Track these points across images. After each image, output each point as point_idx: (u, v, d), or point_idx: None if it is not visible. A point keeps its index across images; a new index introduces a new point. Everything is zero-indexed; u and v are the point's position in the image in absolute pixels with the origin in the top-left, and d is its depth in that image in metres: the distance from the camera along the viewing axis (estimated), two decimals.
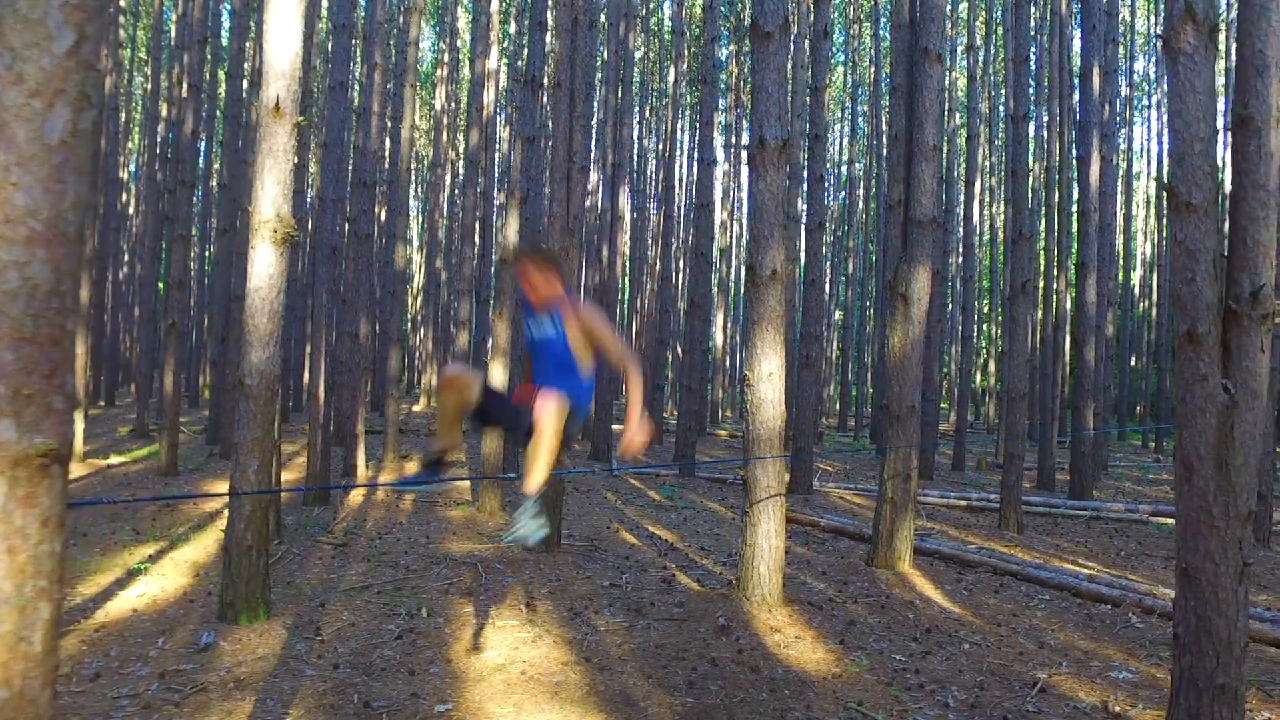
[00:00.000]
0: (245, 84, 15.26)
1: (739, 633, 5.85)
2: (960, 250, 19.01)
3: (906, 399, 7.50)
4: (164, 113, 21.27)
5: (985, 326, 35.24)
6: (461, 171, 24.36)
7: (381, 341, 18.33)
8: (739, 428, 21.31)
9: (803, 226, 13.66)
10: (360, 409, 13.58)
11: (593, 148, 18.46)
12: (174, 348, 12.42)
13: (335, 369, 15.39)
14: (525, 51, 13.69)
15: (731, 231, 31.58)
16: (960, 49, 26.11)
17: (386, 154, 23.42)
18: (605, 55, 17.36)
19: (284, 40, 5.72)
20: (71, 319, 1.65)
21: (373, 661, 5.23)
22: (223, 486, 10.88)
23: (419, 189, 42.55)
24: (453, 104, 30.50)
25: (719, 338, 28.52)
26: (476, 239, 17.22)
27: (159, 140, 21.34)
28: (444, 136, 27.39)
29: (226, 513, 7.69)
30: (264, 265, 5.78)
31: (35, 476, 1.58)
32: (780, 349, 6.25)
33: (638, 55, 31.99)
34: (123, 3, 26.49)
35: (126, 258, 33.05)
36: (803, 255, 14.00)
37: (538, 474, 3.77)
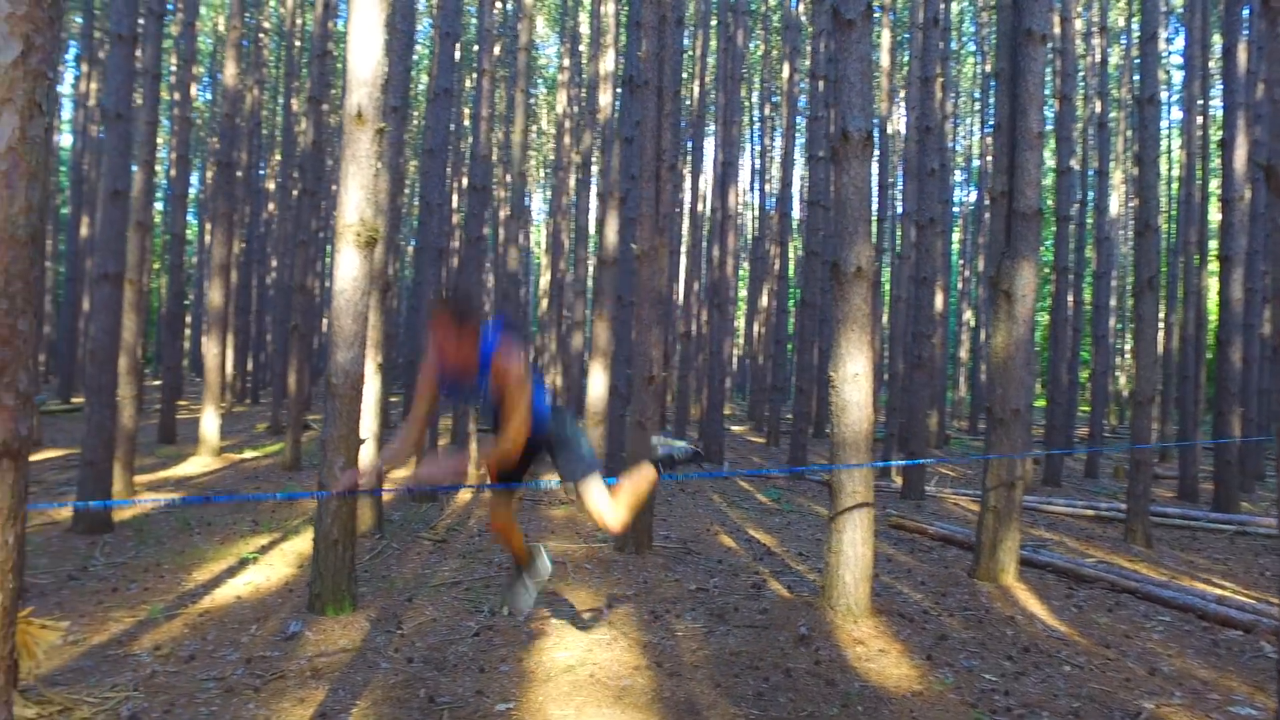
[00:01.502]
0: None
1: (819, 643, 5.64)
2: (1095, 244, 17.87)
3: (1010, 402, 7.07)
4: (301, 125, 22.43)
5: (1124, 325, 33.13)
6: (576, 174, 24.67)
7: None
8: None
9: (914, 222, 13.13)
10: (471, 409, 13.91)
11: (712, 148, 18.36)
12: (298, 348, 13.03)
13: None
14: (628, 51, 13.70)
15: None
16: (1094, 30, 24.63)
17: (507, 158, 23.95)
18: (715, 53, 17.22)
19: (365, 49, 5.88)
20: (24, 319, 1.69)
21: (446, 657, 5.30)
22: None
23: (546, 193, 43.39)
24: (575, 107, 30.97)
25: None
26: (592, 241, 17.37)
27: (295, 151, 22.50)
28: (565, 140, 27.84)
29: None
30: (348, 268, 5.96)
31: None
32: (867, 349, 6.00)
33: (758, 53, 31.68)
34: (266, 24, 28.13)
35: (274, 263, 35.06)
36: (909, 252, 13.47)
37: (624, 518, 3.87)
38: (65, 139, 32.61)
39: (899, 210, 19.27)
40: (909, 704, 4.75)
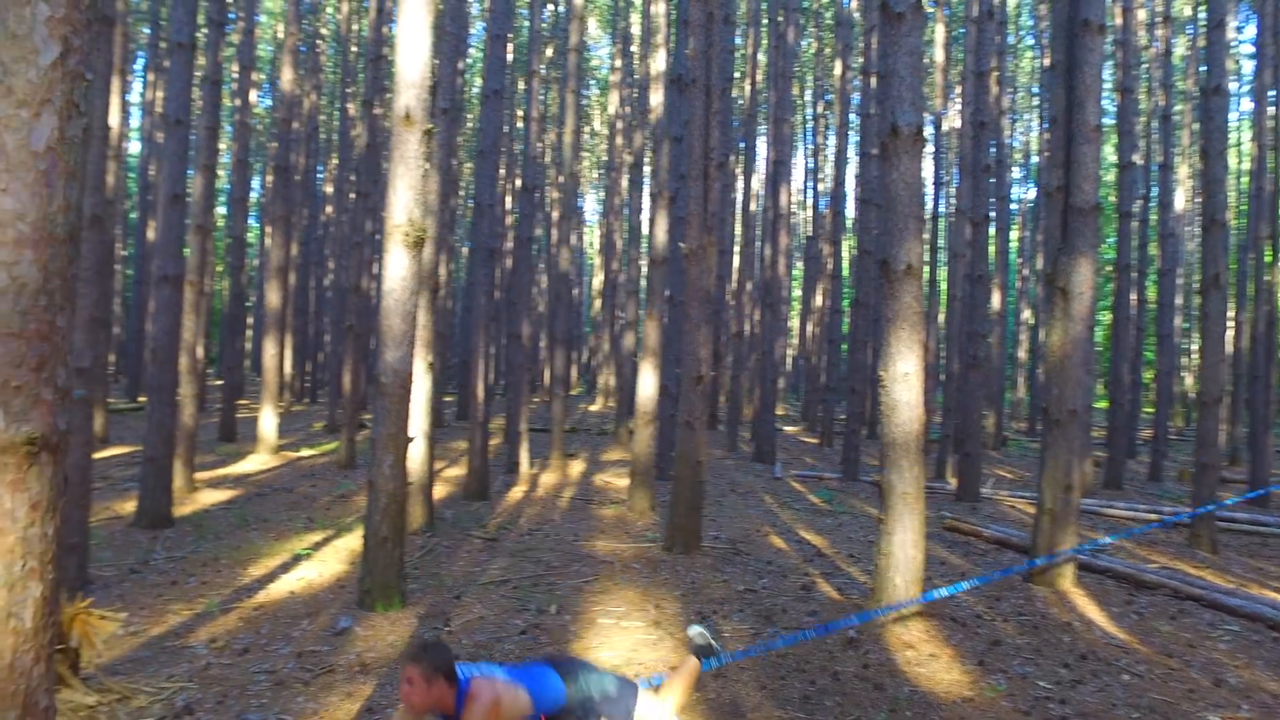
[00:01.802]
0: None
1: (868, 646, 5.55)
2: (1159, 240, 17.33)
3: (1067, 402, 6.89)
4: (356, 129, 22.80)
5: (1191, 324, 32.10)
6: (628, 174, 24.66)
7: (548, 342, 18.81)
8: None
9: (968, 219, 12.88)
10: (524, 408, 13.99)
11: (763, 145, 18.22)
12: (352, 348, 13.23)
13: (508, 369, 15.95)
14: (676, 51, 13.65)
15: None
16: (1158, 20, 23.93)
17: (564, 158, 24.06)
18: (766, 51, 17.10)
19: (413, 53, 5.94)
20: (62, 315, 1.73)
21: (491, 655, 5.32)
22: None
23: (599, 193, 43.55)
24: (627, 108, 31.00)
25: None
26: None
27: (351, 154, 22.86)
28: (618, 140, 27.87)
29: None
30: (397, 268, 6.02)
31: (23, 463, 1.67)
32: (917, 348, 5.89)
33: (810, 50, 31.39)
34: (324, 30, 28.66)
35: (332, 265, 35.70)
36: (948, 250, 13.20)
37: None
38: (134, 146, 33.63)
39: (954, 207, 18.93)
40: (959, 710, 4.64)
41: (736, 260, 23.08)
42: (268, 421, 14.19)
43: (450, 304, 24.39)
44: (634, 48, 32.86)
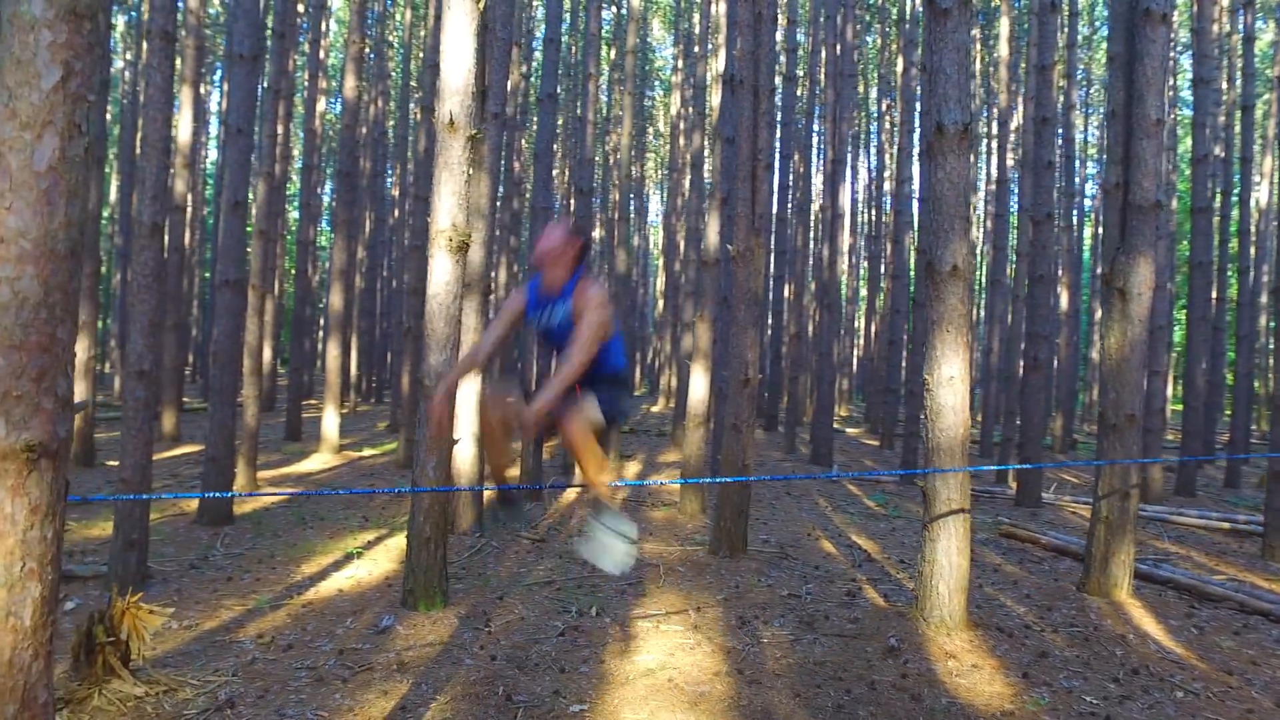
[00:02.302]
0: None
1: (909, 656, 5.46)
2: (1239, 237, 16.64)
3: (1125, 406, 6.67)
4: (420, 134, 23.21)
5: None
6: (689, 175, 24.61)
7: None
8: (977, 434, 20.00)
9: (1030, 217, 12.55)
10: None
11: (824, 144, 18.03)
12: (410, 349, 13.48)
13: (547, 371, 16.07)
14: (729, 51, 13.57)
15: (972, 228, 29.62)
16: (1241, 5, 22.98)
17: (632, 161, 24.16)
18: (824, 48, 16.91)
19: (457, 59, 6.02)
20: (63, 328, 1.81)
21: (529, 656, 5.38)
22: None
23: (663, 194, 43.55)
24: (689, 109, 30.98)
25: None
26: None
27: (415, 159, 23.26)
28: (681, 141, 27.87)
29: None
30: (441, 272, 6.12)
31: (23, 469, 1.75)
32: (963, 351, 5.77)
33: (875, 47, 30.93)
34: (392, 38, 29.26)
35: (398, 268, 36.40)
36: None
37: (594, 473, 3.58)
38: (211, 153, 34.74)
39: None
40: None
41: (796, 260, 22.90)
42: (330, 422, 14.54)
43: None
44: (697, 48, 32.83)
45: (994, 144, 24.91)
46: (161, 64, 6.26)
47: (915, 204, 28.61)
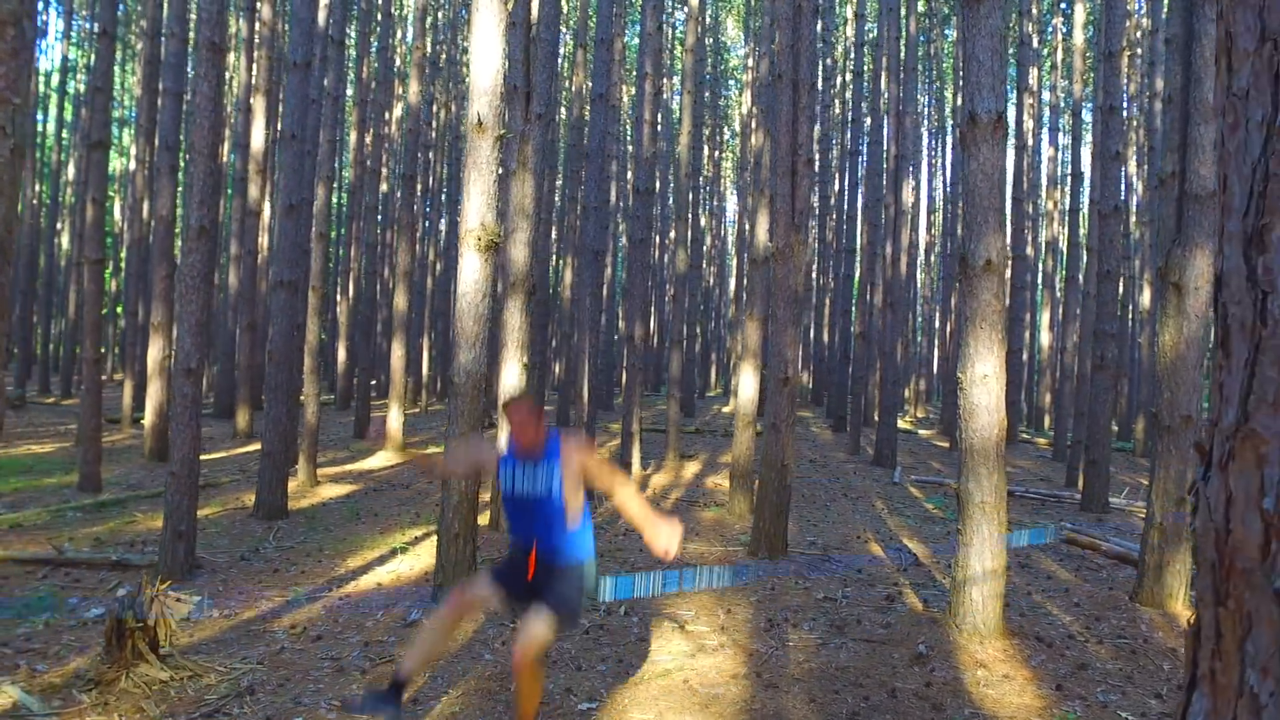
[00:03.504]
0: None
1: (936, 664, 5.29)
2: None
3: (1181, 407, 6.35)
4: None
5: None
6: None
7: (670, 343, 18.87)
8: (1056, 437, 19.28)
9: (1097, 210, 12.06)
10: (636, 408, 14.09)
11: (889, 140, 17.68)
12: None
13: (625, 370, 16.12)
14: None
15: (1053, 223, 28.66)
16: None
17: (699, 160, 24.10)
18: (886, 40, 16.57)
19: (486, 61, 6.09)
20: None
21: (549, 653, 5.39)
22: None
23: (738, 195, 43.33)
24: (758, 107, 30.73)
25: (1045, 338, 26.01)
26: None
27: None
28: (751, 140, 27.67)
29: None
30: (470, 272, 6.19)
31: None
32: (998, 348, 5.57)
33: (951, 40, 30.17)
34: (465, 43, 29.75)
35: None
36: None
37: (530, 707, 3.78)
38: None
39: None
40: None
41: (860, 258, 22.52)
42: (394, 420, 14.87)
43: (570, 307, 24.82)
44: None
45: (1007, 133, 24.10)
46: (209, 74, 6.50)
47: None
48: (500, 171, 6.28)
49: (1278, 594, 1.05)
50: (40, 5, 30.53)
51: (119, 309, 33.70)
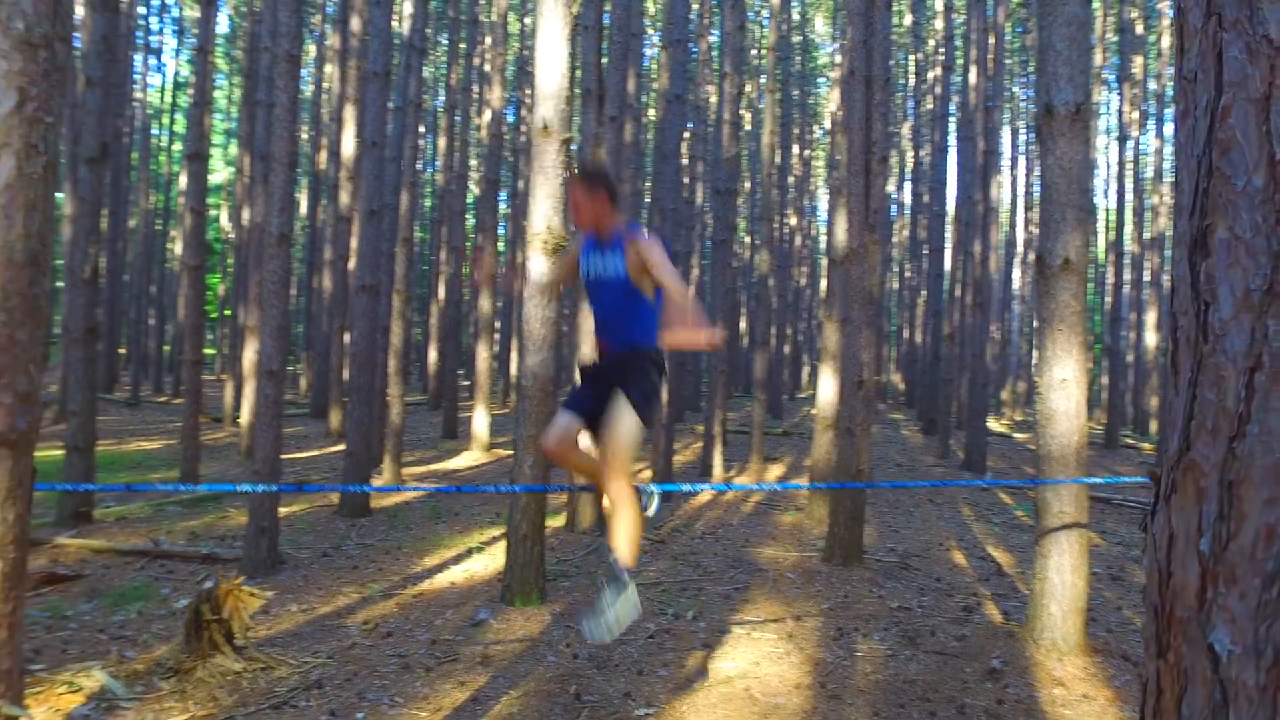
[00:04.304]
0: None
1: (1010, 680, 5.09)
2: None
3: None
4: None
5: None
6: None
7: (754, 345, 18.71)
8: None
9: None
10: (718, 410, 14.00)
11: (981, 136, 17.14)
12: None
13: (697, 371, 16.05)
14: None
15: (1159, 218, 27.25)
16: None
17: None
18: (973, 31, 16.05)
19: (551, 66, 6.13)
20: (22, 330, 1.96)
21: (612, 657, 5.39)
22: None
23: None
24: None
25: (1150, 338, 24.79)
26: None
27: None
28: (839, 138, 27.22)
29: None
30: (537, 274, 6.24)
31: None
32: (1077, 350, 5.33)
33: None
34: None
35: None
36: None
37: (626, 526, 3.53)
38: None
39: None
40: None
41: (949, 257, 21.90)
42: (480, 421, 15.14)
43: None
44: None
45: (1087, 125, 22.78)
46: (288, 85, 6.72)
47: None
48: (567, 175, 6.31)
49: (1211, 649, 0.94)
50: (157, 26, 32.11)
51: (227, 312, 35.25)
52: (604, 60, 8.62)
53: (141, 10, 28.59)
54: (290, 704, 4.52)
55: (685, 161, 24.59)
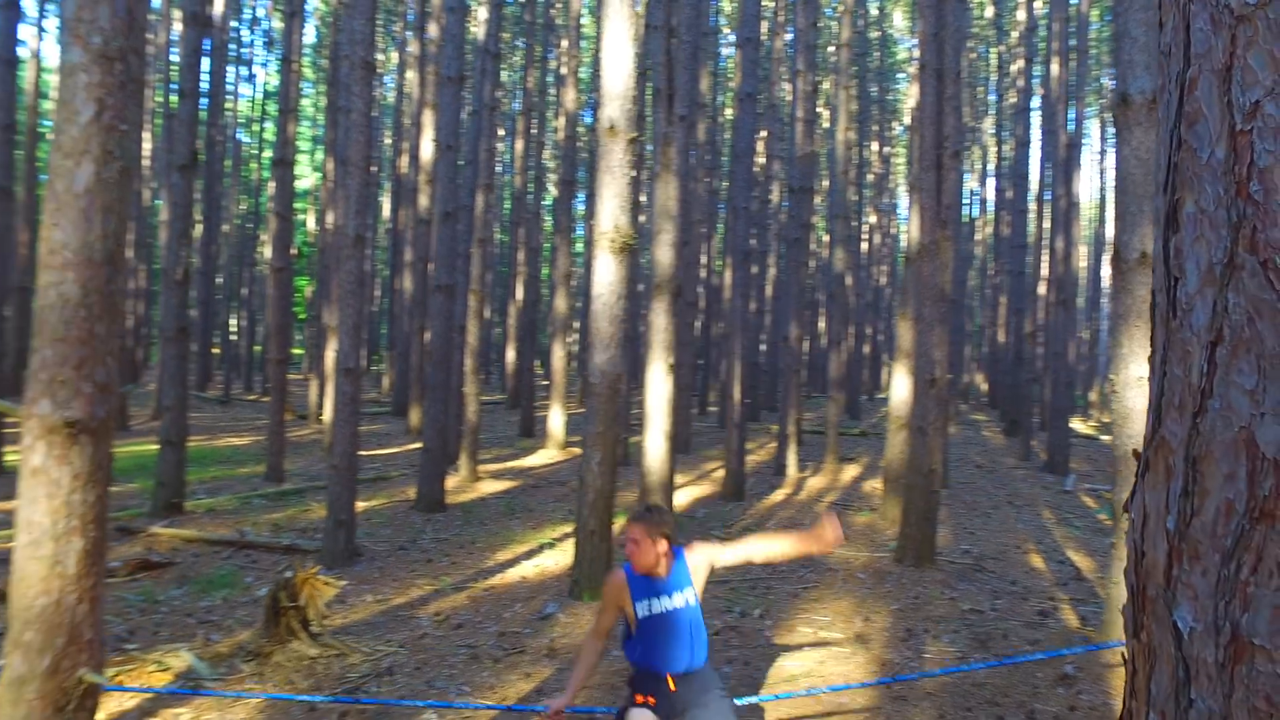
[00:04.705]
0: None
1: (1083, 687, 4.96)
2: None
3: None
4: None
5: None
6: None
7: (830, 344, 18.51)
8: None
9: None
10: (792, 410, 13.90)
11: (1064, 128, 16.64)
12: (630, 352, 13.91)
13: (782, 371, 15.95)
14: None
15: None
16: None
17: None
18: (1055, 22, 15.57)
19: (617, 67, 6.19)
20: (100, 324, 2.10)
21: None
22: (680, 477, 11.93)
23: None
24: None
25: None
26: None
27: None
28: (916, 134, 26.71)
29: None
30: (605, 274, 6.31)
31: (67, 442, 2.06)
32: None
33: None
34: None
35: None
36: None
37: None
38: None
39: None
40: None
41: (1030, 253, 21.28)
42: (556, 419, 15.32)
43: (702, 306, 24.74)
44: None
45: None
46: (362, 91, 6.94)
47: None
48: (634, 174, 6.37)
49: (1175, 627, 0.92)
50: (248, 38, 33.36)
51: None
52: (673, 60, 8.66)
53: (234, 23, 29.72)
54: (361, 689, 4.68)
55: (762, 160, 24.49)
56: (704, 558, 3.38)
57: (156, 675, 4.70)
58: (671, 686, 3.23)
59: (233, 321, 32.61)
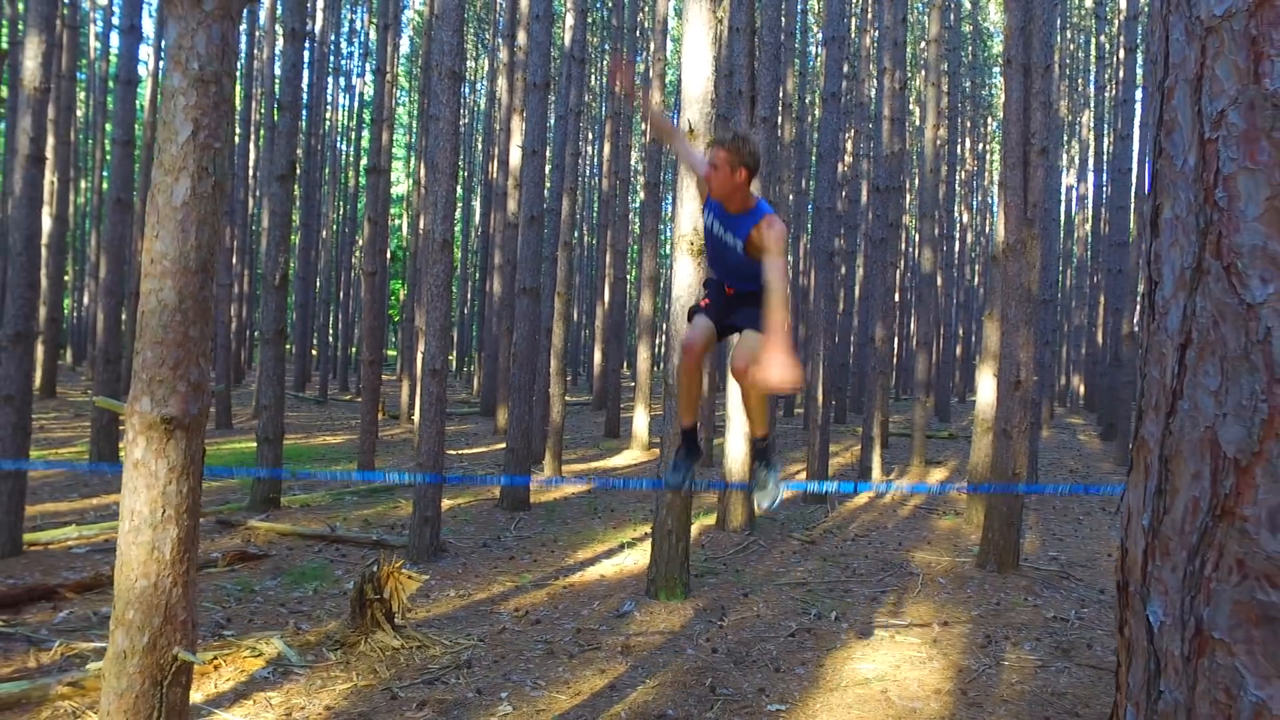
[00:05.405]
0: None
1: None
2: None
3: None
4: None
5: None
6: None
7: (918, 345, 18.18)
8: None
9: None
10: (877, 412, 13.72)
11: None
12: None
13: (867, 373, 15.74)
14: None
15: None
16: None
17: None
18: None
19: (696, 69, 6.26)
20: (194, 328, 2.27)
21: (750, 653, 5.46)
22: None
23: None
24: None
25: None
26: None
27: None
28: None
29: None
30: (684, 275, 6.38)
31: (163, 437, 2.23)
32: None
33: None
34: None
35: None
36: None
37: (765, 419, 3.74)
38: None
39: None
40: None
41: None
42: (640, 420, 15.46)
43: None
44: None
45: None
46: (450, 99, 7.17)
47: None
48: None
49: (1148, 621, 0.93)
50: (346, 50, 34.52)
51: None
52: (755, 62, 8.68)
53: (332, 36, 30.83)
54: (441, 680, 4.85)
55: (850, 159, 24.19)
56: (768, 240, 3.32)
57: (250, 660, 4.97)
58: (728, 290, 3.60)
59: (331, 324, 33.78)
